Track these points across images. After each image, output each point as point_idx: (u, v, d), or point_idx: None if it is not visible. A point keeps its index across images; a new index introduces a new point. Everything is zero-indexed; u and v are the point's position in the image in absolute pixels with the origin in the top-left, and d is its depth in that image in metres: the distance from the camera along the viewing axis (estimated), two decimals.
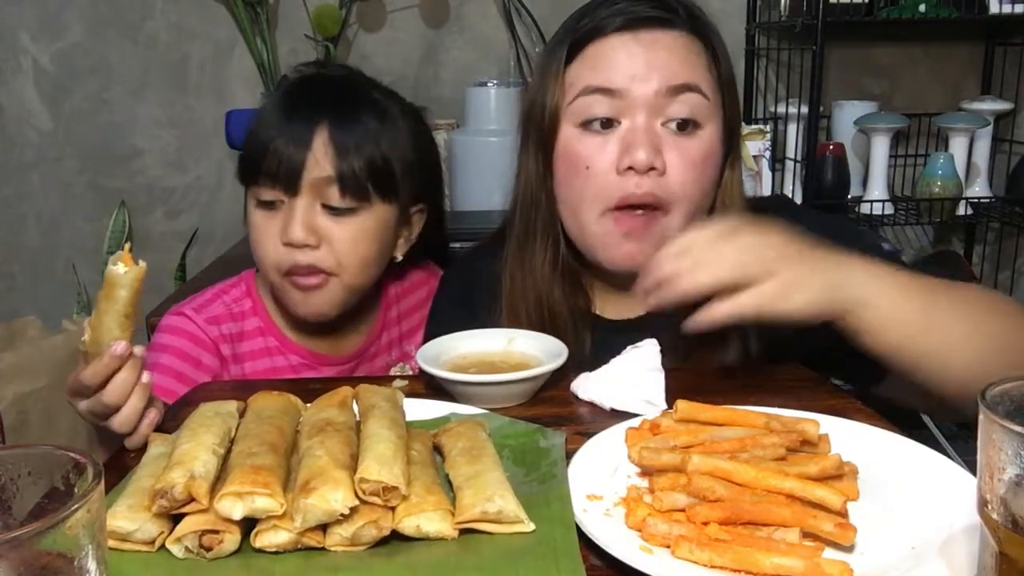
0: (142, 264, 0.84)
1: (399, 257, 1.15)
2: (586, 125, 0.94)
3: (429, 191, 1.16)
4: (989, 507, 0.47)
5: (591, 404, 0.83)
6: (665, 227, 0.94)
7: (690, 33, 0.95)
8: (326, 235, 1.04)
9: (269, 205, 1.05)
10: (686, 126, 0.93)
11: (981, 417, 0.47)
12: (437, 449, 0.71)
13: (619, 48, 0.94)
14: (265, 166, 1.03)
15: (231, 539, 0.58)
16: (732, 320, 0.76)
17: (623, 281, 1.00)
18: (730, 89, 0.99)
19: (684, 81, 0.93)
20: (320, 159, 1.03)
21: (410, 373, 1.15)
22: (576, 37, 0.96)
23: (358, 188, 1.04)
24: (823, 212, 1.56)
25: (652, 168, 0.91)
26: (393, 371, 1.18)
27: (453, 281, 1.15)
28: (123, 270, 0.82)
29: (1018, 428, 0.45)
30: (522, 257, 1.02)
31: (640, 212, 0.94)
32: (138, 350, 0.80)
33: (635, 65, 0.93)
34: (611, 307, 1.05)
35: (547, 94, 0.97)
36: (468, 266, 1.14)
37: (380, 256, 1.11)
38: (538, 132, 0.98)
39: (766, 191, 2.09)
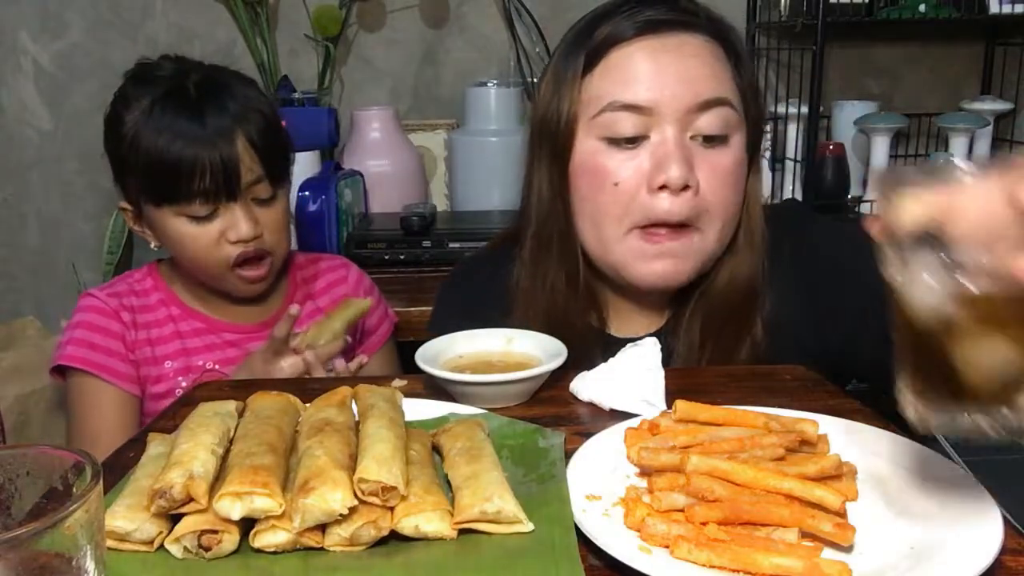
0: (369, 300, 1.21)
1: None
2: (612, 140, 0.90)
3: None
4: None
5: (590, 404, 0.83)
6: (699, 243, 0.91)
7: (712, 37, 0.91)
8: (262, 223, 1.20)
9: (202, 217, 1.16)
10: (715, 140, 0.90)
11: None
12: (436, 449, 0.71)
13: (645, 58, 0.89)
14: (198, 186, 1.13)
15: (230, 539, 0.58)
16: None
17: (639, 296, 0.98)
18: (754, 93, 0.95)
19: (715, 95, 0.89)
20: (249, 163, 1.16)
21: None
22: (594, 45, 0.91)
23: (277, 177, 1.21)
24: (834, 219, 1.55)
25: (686, 186, 0.88)
26: None
27: (454, 292, 1.12)
28: (360, 304, 1.19)
29: None
30: (535, 272, 0.98)
31: (666, 230, 0.91)
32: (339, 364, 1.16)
33: (664, 78, 0.88)
34: (624, 324, 1.02)
35: (563, 104, 0.92)
36: (469, 277, 1.12)
37: (290, 228, 1.29)
38: (552, 143, 0.94)
39: (765, 192, 2.09)
